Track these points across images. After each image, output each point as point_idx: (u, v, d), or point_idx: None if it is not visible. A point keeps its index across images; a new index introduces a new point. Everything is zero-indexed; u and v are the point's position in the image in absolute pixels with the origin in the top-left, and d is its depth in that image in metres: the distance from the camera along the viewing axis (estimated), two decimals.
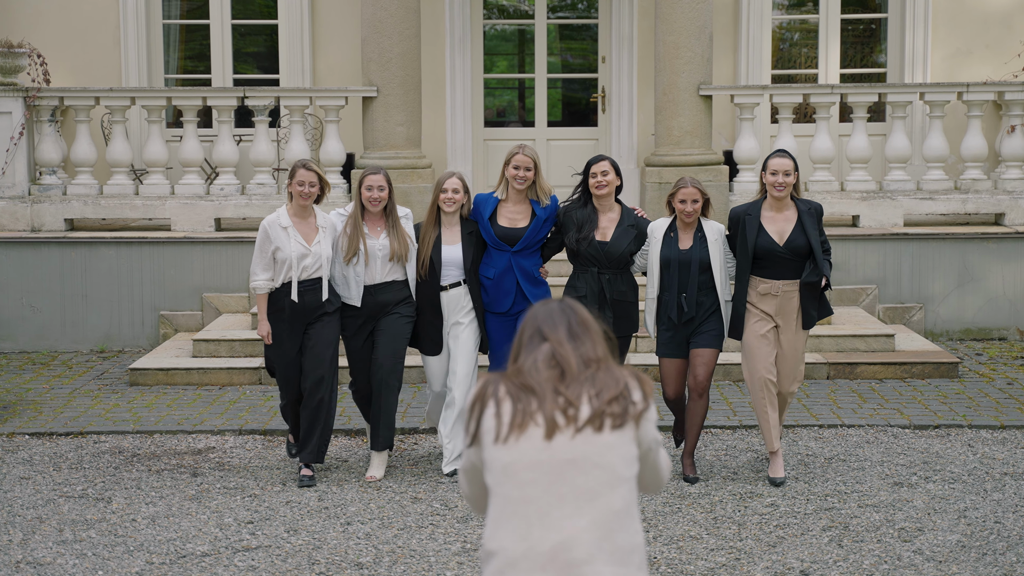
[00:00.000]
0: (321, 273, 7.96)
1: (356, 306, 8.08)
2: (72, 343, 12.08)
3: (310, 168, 7.96)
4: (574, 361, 3.62)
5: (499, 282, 8.16)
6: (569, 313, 3.71)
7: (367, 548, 6.92)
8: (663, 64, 12.28)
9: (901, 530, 7.11)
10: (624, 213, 8.10)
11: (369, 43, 12.26)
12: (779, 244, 7.81)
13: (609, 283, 8.00)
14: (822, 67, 14.14)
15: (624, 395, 3.60)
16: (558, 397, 3.57)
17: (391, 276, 8.10)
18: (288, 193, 8.04)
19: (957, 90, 12.49)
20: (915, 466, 8.29)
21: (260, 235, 7.97)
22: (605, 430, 3.55)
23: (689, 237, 7.95)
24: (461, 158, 14.05)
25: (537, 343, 3.66)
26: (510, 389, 3.61)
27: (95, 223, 12.69)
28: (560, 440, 3.53)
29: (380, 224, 8.09)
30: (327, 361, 7.99)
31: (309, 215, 8.01)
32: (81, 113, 12.45)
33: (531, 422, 3.55)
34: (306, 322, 7.99)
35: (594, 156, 8.17)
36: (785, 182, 7.81)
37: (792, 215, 7.89)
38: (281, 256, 7.91)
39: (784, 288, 7.88)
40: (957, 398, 9.93)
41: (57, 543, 7.03)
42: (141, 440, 9.09)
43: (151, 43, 14.03)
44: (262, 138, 12.35)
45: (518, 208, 8.18)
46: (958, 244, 12.19)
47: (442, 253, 8.14)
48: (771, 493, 7.76)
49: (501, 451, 3.57)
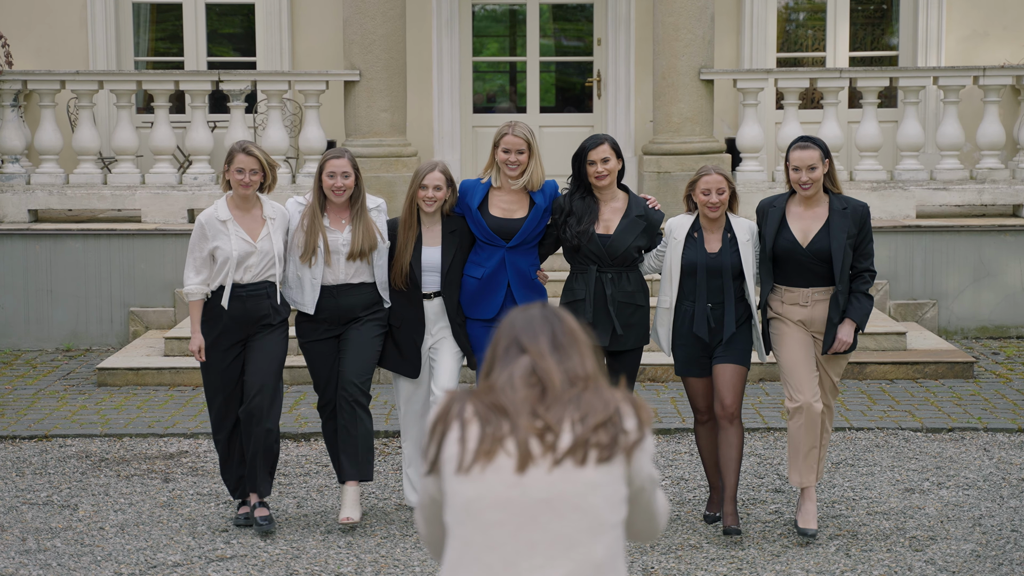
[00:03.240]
0: (271, 274, 7.21)
1: (309, 313, 7.31)
2: (36, 341, 12.06)
3: (250, 152, 7.15)
4: (557, 378, 3.23)
5: (487, 283, 7.34)
6: (553, 321, 3.33)
7: (348, 558, 6.92)
8: (662, 47, 12.29)
9: (912, 539, 7.12)
10: (631, 202, 7.29)
11: (351, 24, 12.25)
12: (801, 245, 7.01)
13: (612, 283, 7.19)
14: (830, 50, 14.16)
15: (614, 421, 3.20)
16: (535, 420, 3.18)
17: (358, 277, 7.31)
18: (225, 181, 7.23)
19: (973, 74, 12.51)
20: (927, 471, 8.31)
21: (195, 232, 7.20)
22: (589, 464, 3.16)
23: (717, 238, 7.14)
24: (449, 146, 14.06)
25: (514, 355, 3.28)
26: (478, 409, 3.22)
27: (61, 214, 12.67)
28: (534, 474, 3.15)
29: (344, 216, 7.29)
30: (270, 384, 7.21)
31: (253, 206, 7.24)
32: (46, 98, 12.42)
33: (500, 449, 3.17)
34: (246, 335, 7.24)
35: (589, 138, 7.29)
36: (811, 178, 6.97)
37: (823, 212, 7.06)
38: (221, 255, 7.12)
39: (815, 297, 7.07)
40: (972, 400, 9.95)
41: (20, 552, 7.02)
42: (109, 444, 9.08)
43: (120, 24, 14.01)
44: (238, 125, 12.34)
45: (514, 196, 7.36)
46: (974, 237, 12.20)
47: (422, 257, 7.34)
48: (775, 500, 7.77)
49: (464, 483, 3.18)
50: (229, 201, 7.23)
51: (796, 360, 7.05)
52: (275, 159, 12.14)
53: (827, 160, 7.05)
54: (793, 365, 7.05)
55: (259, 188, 7.23)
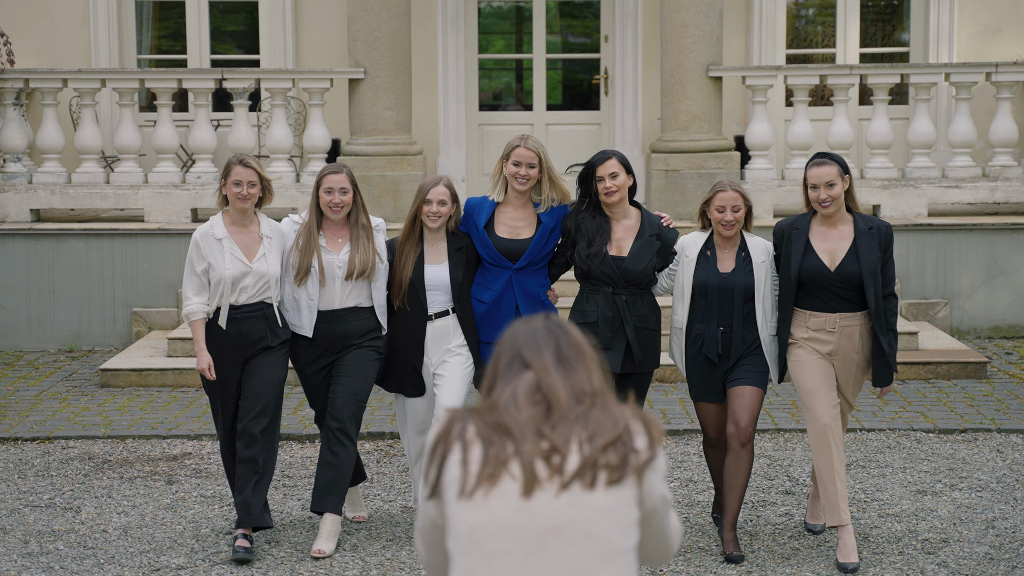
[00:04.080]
0: (268, 296, 6.94)
1: (308, 336, 7.06)
2: (38, 342, 12.07)
3: (248, 164, 6.97)
4: (563, 394, 3.11)
5: (495, 307, 7.10)
6: (557, 333, 3.20)
7: (354, 560, 6.93)
8: (670, 43, 12.28)
9: (925, 541, 7.12)
10: (644, 220, 7.03)
11: (356, 21, 12.26)
12: (829, 268, 6.75)
13: (628, 306, 6.94)
14: (840, 46, 14.15)
15: (624, 440, 3.09)
16: (541, 441, 3.07)
17: (353, 300, 7.02)
18: (222, 196, 7.05)
19: (985, 70, 12.49)
20: (940, 473, 8.30)
21: (191, 249, 6.97)
22: (598, 487, 3.05)
23: (731, 257, 6.94)
24: (454, 144, 14.06)
25: (517, 371, 3.15)
26: (481, 429, 3.11)
27: (63, 214, 12.69)
28: (541, 499, 3.04)
29: (342, 235, 7.02)
30: (270, 408, 6.98)
31: (250, 223, 7.00)
32: (48, 96, 12.43)
33: (505, 473, 3.06)
34: (244, 357, 6.97)
35: (597, 154, 7.05)
36: (830, 195, 6.71)
37: (848, 232, 6.81)
38: (214, 275, 6.88)
39: (842, 323, 6.80)
40: (985, 400, 9.94)
41: (22, 555, 7.04)
42: (112, 445, 9.09)
43: (123, 21, 14.02)
44: (242, 123, 12.34)
45: (520, 214, 7.11)
46: (986, 235, 12.19)
47: (425, 275, 7.06)
48: (785, 502, 7.76)
49: (466, 509, 3.07)
50: (225, 217, 7.01)
51: (816, 384, 6.78)
52: (278, 157, 12.27)
53: (846, 176, 6.80)
54: (814, 388, 6.78)
55: (257, 204, 7.02)
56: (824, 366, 6.80)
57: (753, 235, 7.00)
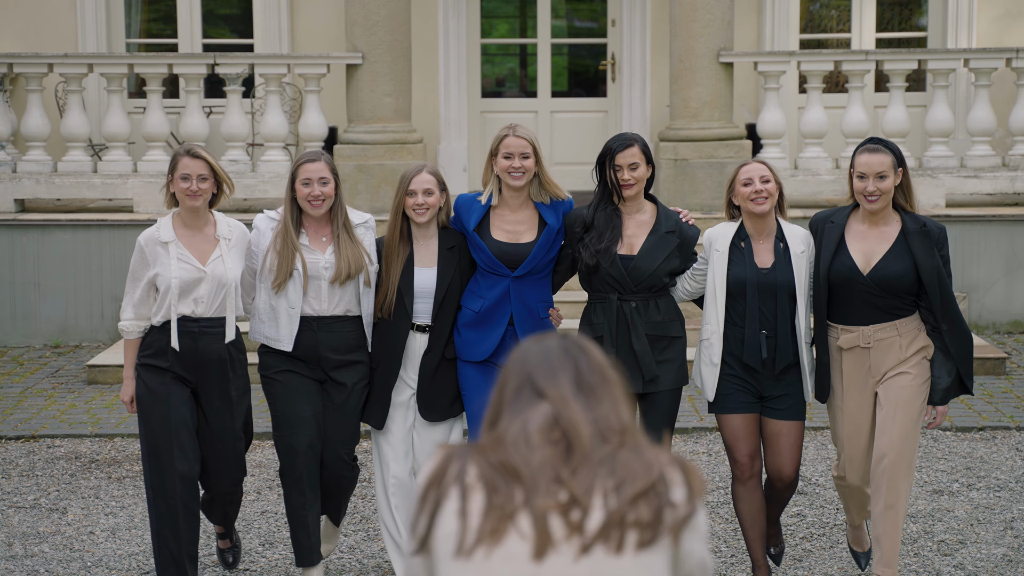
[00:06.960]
0: (224, 309, 6.18)
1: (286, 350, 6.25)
2: (23, 337, 12.09)
3: (197, 155, 6.18)
4: (585, 431, 2.62)
5: (485, 318, 6.33)
6: (576, 355, 2.72)
7: (351, 562, 6.95)
8: (679, 28, 12.29)
9: (941, 543, 7.13)
10: (660, 214, 6.30)
11: (353, 4, 12.26)
12: (861, 271, 6.00)
13: (637, 313, 6.16)
14: (855, 31, 14.16)
15: (658, 491, 2.61)
16: (558, 490, 2.58)
17: (341, 308, 6.27)
18: (170, 194, 6.29)
19: (1006, 56, 12.49)
20: (957, 472, 8.32)
21: (134, 256, 6.23)
22: (627, 550, 2.57)
23: (768, 249, 6.15)
24: (456, 132, 14.08)
25: (528, 400, 2.67)
26: (484, 472, 2.62)
27: (49, 204, 12.69)
28: (556, 564, 2.56)
29: (325, 232, 6.28)
30: (230, 443, 6.29)
31: (203, 223, 6.25)
32: (32, 82, 12.44)
33: (512, 528, 2.58)
34: (197, 380, 6.20)
35: (616, 137, 6.30)
36: (879, 189, 5.95)
37: (891, 232, 6.06)
38: (161, 283, 6.11)
39: (878, 336, 6.05)
40: (1004, 397, 9.95)
41: (6, 558, 7.06)
42: (100, 444, 9.11)
43: (111, 4, 14.04)
44: (235, 110, 12.36)
45: (519, 216, 6.38)
46: (1006, 227, 12.19)
47: (414, 279, 6.33)
48: (797, 503, 7.78)
49: (464, 570, 2.59)
50: (175, 219, 6.28)
51: (854, 433, 6.15)
52: (273, 145, 12.29)
53: (900, 169, 6.03)
54: (850, 438, 6.15)
55: (210, 203, 6.26)
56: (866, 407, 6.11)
57: (790, 223, 6.25)
